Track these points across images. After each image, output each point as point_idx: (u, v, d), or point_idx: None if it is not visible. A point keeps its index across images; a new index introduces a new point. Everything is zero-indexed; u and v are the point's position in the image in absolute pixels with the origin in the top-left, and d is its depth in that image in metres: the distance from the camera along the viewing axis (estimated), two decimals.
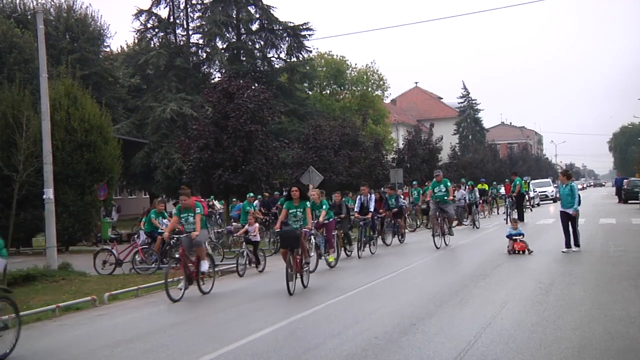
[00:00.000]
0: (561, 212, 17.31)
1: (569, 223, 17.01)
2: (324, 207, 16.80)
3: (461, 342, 8.04)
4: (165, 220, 18.82)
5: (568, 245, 16.87)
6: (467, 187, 29.93)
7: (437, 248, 19.23)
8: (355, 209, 20.20)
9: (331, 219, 17.22)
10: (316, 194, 17.26)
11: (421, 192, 30.99)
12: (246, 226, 18.03)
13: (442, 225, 20.10)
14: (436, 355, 7.53)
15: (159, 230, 18.20)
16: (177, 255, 13.77)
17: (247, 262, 17.14)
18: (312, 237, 15.53)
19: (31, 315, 11.77)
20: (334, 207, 19.18)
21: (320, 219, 16.38)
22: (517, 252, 16.82)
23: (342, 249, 18.95)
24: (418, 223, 30.72)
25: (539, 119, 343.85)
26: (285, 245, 13.05)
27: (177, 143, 30.77)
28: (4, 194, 22.78)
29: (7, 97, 25.41)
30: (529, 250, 16.86)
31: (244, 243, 17.48)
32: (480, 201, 33.58)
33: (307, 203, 13.75)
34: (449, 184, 20.43)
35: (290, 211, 13.75)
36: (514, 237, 17.20)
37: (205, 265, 13.68)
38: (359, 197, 20.40)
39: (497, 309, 9.92)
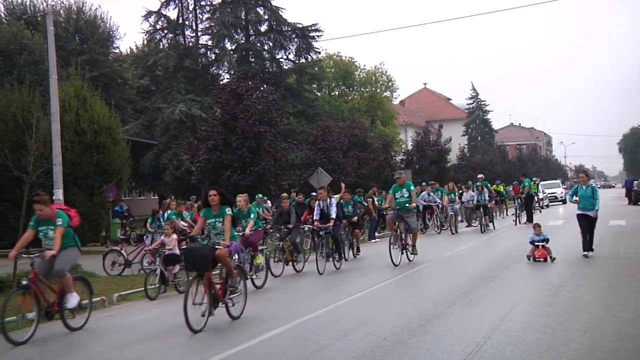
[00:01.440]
0: (580, 214, 16.14)
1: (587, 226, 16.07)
2: (252, 215, 14.46)
3: (470, 343, 8.02)
4: (182, 223, 18.86)
5: (590, 248, 16.08)
6: (476, 188, 28.83)
7: (395, 265, 16.07)
8: (315, 217, 17.08)
9: (259, 229, 15.08)
10: (242, 199, 14.81)
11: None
12: (162, 237, 15.26)
13: (403, 238, 16.96)
14: (445, 357, 7.51)
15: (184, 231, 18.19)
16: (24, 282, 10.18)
17: (161, 283, 14.06)
18: (235, 254, 12.85)
19: None
20: (283, 215, 17.35)
21: (247, 230, 14.06)
22: (537, 259, 15.54)
23: (289, 262, 16.67)
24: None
25: (549, 120, 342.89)
26: (190, 268, 10.51)
27: (186, 144, 30.84)
28: (14, 195, 22.90)
29: (17, 98, 25.55)
30: (551, 257, 15.49)
31: (158, 259, 14.54)
32: (492, 202, 33.46)
33: (227, 210, 10.74)
34: (412, 188, 17.58)
35: (209, 221, 10.89)
36: (537, 244, 15.81)
37: (73, 300, 10.46)
38: (317, 202, 17.44)
39: (506, 311, 9.89)
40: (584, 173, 16.99)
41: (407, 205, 17.04)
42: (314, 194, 21.33)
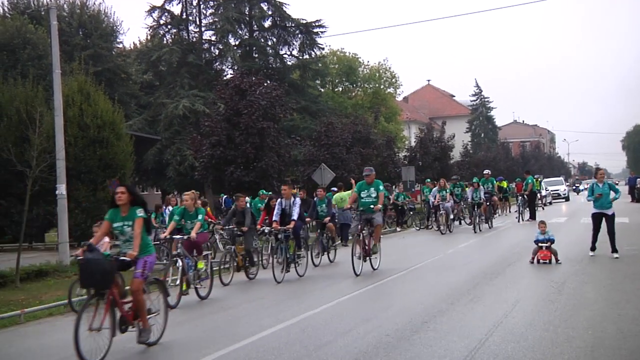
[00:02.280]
0: (596, 214, 15.50)
1: (601, 226, 15.46)
2: (199, 217, 12.86)
3: (473, 340, 8.02)
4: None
5: (594, 248, 15.61)
6: (471, 185, 27.62)
7: (357, 275, 14.34)
8: (274, 217, 15.22)
9: (205, 231, 13.68)
10: (189, 198, 13.14)
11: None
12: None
13: (367, 243, 15.03)
14: (448, 353, 7.51)
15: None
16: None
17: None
18: (179, 259, 12.20)
19: (43, 310, 11.86)
20: (236, 214, 15.59)
21: (193, 232, 12.47)
22: (540, 261, 14.72)
23: (242, 269, 15.14)
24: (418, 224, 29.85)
25: (552, 117, 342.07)
26: (87, 284, 8.54)
27: (190, 140, 30.83)
28: (17, 190, 22.93)
29: (20, 93, 25.56)
30: (556, 259, 14.69)
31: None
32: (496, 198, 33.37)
33: (139, 212, 8.72)
34: (381, 187, 15.34)
35: (115, 225, 8.87)
36: (541, 244, 14.90)
37: None
38: (279, 201, 15.62)
39: (509, 308, 9.88)
40: (601, 171, 16.21)
41: (371, 206, 14.94)
42: (282, 192, 19.72)
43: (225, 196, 30.39)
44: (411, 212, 31.30)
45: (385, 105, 57.26)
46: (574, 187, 76.04)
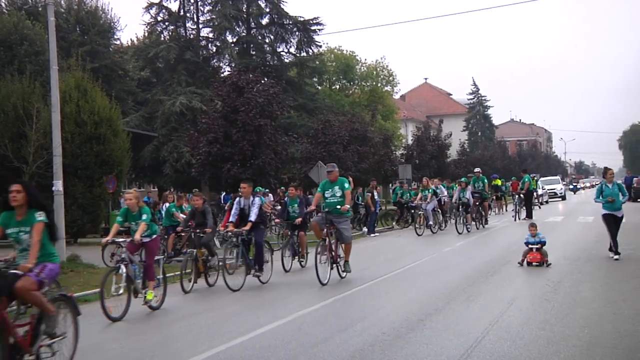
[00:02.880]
0: (606, 215, 15.07)
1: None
2: (144, 217, 11.31)
3: (469, 338, 8.03)
4: (182, 215, 18.72)
5: (617, 251, 14.89)
6: (458, 184, 26.41)
7: (323, 284, 12.76)
8: (231, 218, 14.02)
9: (154, 237, 11.72)
10: (132, 196, 11.77)
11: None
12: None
13: (333, 249, 13.47)
14: (444, 352, 7.53)
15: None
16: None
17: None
18: (122, 265, 10.84)
19: None
20: (195, 215, 14.44)
21: (137, 235, 11.08)
22: (530, 263, 14.21)
23: (202, 274, 13.80)
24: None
25: (549, 116, 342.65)
26: None
27: (187, 136, 30.80)
28: None
29: (17, 89, 25.52)
30: (546, 262, 14.17)
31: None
32: (493, 197, 33.31)
33: (38, 216, 7.26)
34: (347, 185, 13.93)
35: (9, 232, 7.50)
36: (531, 246, 14.48)
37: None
38: (237, 200, 14.39)
39: (505, 306, 9.90)
40: (610, 170, 15.68)
41: (338, 207, 13.54)
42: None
43: (224, 193, 30.34)
44: (412, 211, 30.76)
45: (382, 103, 57.29)
46: (571, 186, 76.14)
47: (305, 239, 16.60)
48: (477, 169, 28.67)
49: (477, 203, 25.47)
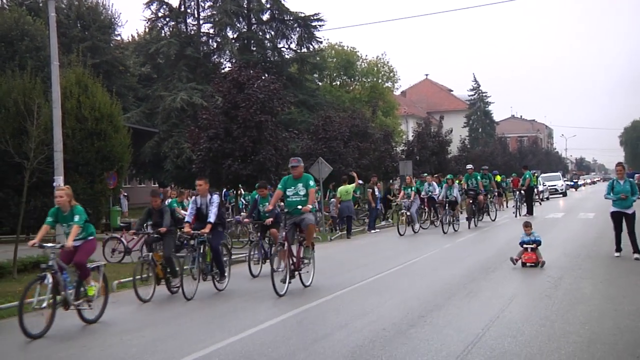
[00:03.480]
0: (615, 212, 14.54)
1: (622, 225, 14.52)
2: (76, 218, 10.14)
3: (469, 334, 8.04)
4: (183, 212, 18.64)
5: (619, 249, 14.59)
6: (445, 182, 24.68)
7: (280, 295, 11.25)
8: (187, 218, 12.94)
9: (89, 238, 10.45)
10: (64, 193, 10.48)
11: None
12: None
13: (294, 254, 11.95)
14: (444, 348, 7.53)
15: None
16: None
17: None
18: (49, 274, 9.47)
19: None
20: (152, 214, 12.88)
21: (69, 241, 9.96)
22: (525, 264, 13.77)
23: (161, 280, 12.43)
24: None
25: (550, 112, 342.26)
26: None
27: (187, 132, 30.78)
28: (15, 182, 22.91)
29: (18, 84, 25.52)
30: (541, 262, 13.70)
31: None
32: (495, 193, 33.20)
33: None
34: (311, 183, 12.31)
35: None
36: (526, 246, 14.03)
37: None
38: (193, 199, 13.27)
39: (506, 303, 9.91)
40: (620, 166, 15.07)
41: (299, 207, 12.01)
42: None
43: (225, 190, 30.28)
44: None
45: (383, 99, 57.29)
46: (571, 183, 76.11)
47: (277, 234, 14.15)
48: (469, 166, 27.50)
49: (471, 201, 24.48)
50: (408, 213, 23.52)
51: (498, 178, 35.54)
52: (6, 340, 9.34)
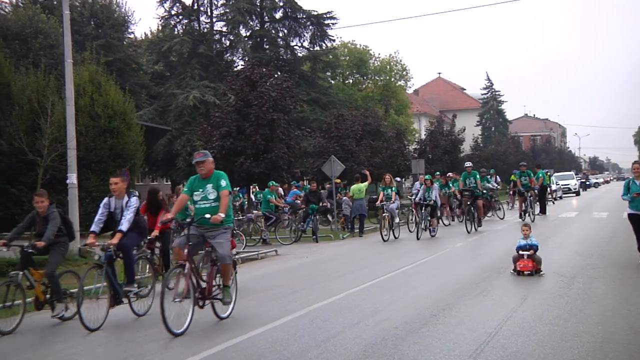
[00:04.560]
0: (632, 215, 13.35)
1: None
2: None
3: (482, 333, 8.01)
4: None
5: None
6: (424, 183, 22.97)
7: (175, 335, 8.53)
8: (93, 227, 10.31)
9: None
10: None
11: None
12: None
13: (203, 279, 9.41)
14: (456, 346, 7.51)
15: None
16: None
17: None
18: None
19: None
20: (35, 223, 10.38)
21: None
22: (520, 272, 12.39)
23: (45, 305, 10.14)
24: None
25: (564, 111, 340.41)
26: None
27: (200, 130, 30.87)
28: (28, 179, 23.03)
29: (32, 82, 25.64)
30: (538, 270, 12.40)
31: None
32: (511, 193, 32.83)
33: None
34: (223, 183, 9.44)
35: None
36: (521, 252, 12.64)
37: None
38: (104, 202, 10.79)
39: (518, 302, 9.87)
40: (637, 164, 13.43)
41: (207, 216, 9.15)
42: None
43: (238, 188, 30.21)
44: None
45: (395, 97, 57.21)
46: (584, 182, 75.63)
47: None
48: (468, 164, 25.80)
49: (469, 202, 22.74)
50: (387, 215, 21.54)
51: (513, 177, 35.28)
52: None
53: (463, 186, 24.04)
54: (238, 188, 31.01)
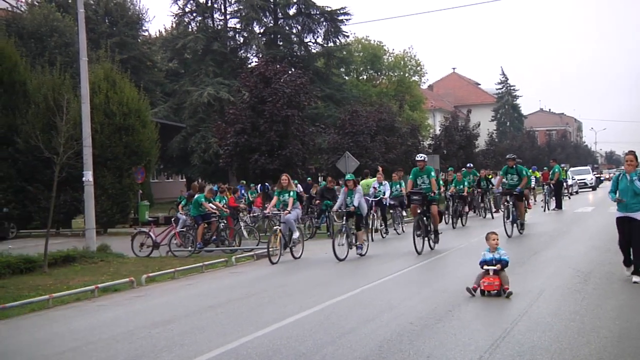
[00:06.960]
0: (620, 218, 10.87)
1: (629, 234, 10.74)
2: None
3: (497, 329, 7.97)
4: (211, 205, 18.65)
5: (628, 263, 10.99)
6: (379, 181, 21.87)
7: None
8: None
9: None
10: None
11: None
12: None
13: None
14: (472, 342, 7.48)
15: (212, 214, 18.32)
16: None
17: None
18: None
19: (71, 295, 12.00)
20: None
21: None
22: (483, 292, 9.98)
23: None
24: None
25: (580, 105, 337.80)
26: None
27: (214, 127, 30.94)
28: (45, 176, 23.22)
29: (48, 80, 25.82)
30: (506, 290, 9.84)
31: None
32: (533, 187, 32.42)
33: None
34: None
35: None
36: (486, 267, 10.17)
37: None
38: None
39: (534, 297, 9.80)
40: (632, 155, 10.98)
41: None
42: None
43: (240, 185, 30.02)
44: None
45: (410, 93, 57.09)
46: (598, 177, 75.02)
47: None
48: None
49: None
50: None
51: (537, 174, 35.08)
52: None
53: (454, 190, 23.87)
54: (240, 185, 31.00)
